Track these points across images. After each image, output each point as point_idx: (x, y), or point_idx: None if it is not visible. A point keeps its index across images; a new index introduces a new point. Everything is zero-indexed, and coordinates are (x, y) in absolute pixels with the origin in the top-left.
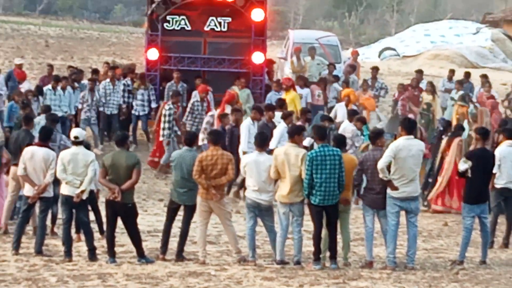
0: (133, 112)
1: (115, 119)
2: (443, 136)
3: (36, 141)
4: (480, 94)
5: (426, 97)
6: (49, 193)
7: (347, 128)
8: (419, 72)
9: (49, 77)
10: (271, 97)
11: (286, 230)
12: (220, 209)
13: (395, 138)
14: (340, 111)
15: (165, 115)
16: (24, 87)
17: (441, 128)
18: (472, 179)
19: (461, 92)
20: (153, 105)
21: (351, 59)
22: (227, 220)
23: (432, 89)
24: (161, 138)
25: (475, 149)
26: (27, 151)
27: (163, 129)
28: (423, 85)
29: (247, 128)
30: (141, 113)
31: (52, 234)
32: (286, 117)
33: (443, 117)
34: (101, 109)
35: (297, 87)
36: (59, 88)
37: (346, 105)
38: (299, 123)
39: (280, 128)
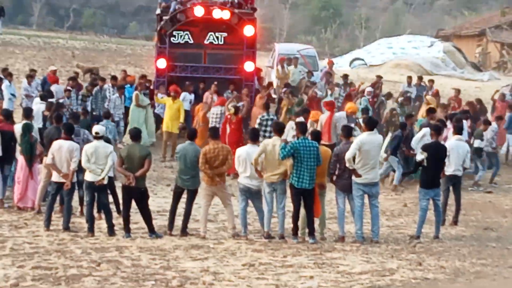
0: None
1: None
2: None
3: (62, 136)
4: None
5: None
6: (73, 178)
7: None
8: (378, 77)
9: (75, 82)
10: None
11: (271, 205)
12: (222, 192)
13: None
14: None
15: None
16: (55, 89)
17: None
18: (427, 168)
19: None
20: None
21: (328, 67)
22: (228, 200)
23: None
24: None
25: (431, 142)
26: (55, 144)
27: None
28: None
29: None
30: None
31: (81, 214)
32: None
33: None
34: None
35: (185, 93)
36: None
37: (348, 116)
38: None
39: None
